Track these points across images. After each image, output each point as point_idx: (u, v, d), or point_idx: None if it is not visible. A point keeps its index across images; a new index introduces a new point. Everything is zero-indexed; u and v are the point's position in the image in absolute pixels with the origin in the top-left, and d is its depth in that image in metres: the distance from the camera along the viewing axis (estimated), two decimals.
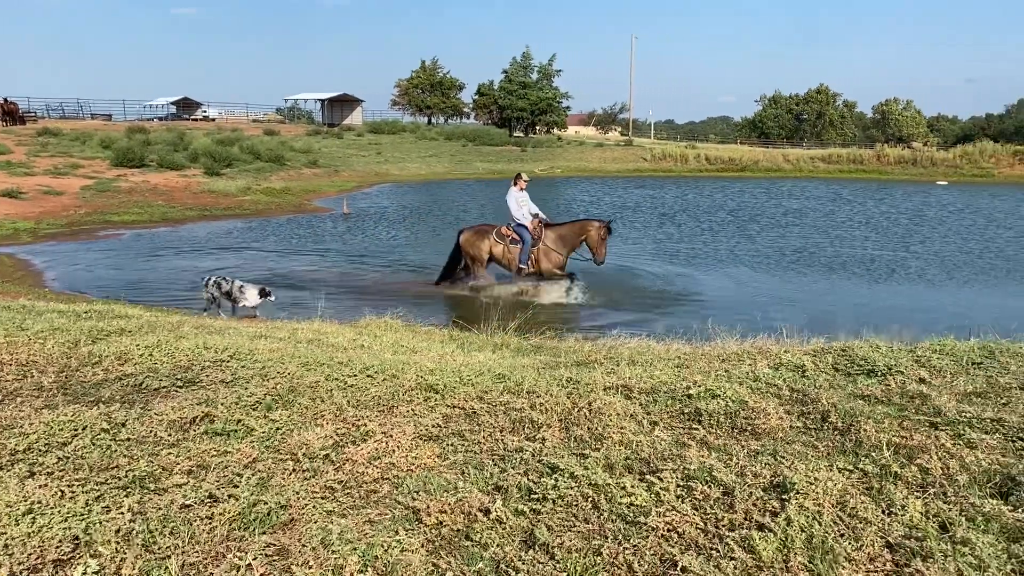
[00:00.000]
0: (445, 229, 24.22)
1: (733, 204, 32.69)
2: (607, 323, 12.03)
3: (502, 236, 14.52)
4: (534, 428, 4.15)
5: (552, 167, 52.85)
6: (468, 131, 67.03)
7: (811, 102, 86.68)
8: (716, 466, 3.44)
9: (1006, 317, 10.47)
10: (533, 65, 70.41)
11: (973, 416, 4.26)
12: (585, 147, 61.74)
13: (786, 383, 5.25)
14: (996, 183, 46.13)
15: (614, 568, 2.63)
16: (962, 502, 3.07)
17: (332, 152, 50.10)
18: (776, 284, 15.79)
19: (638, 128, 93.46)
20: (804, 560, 2.59)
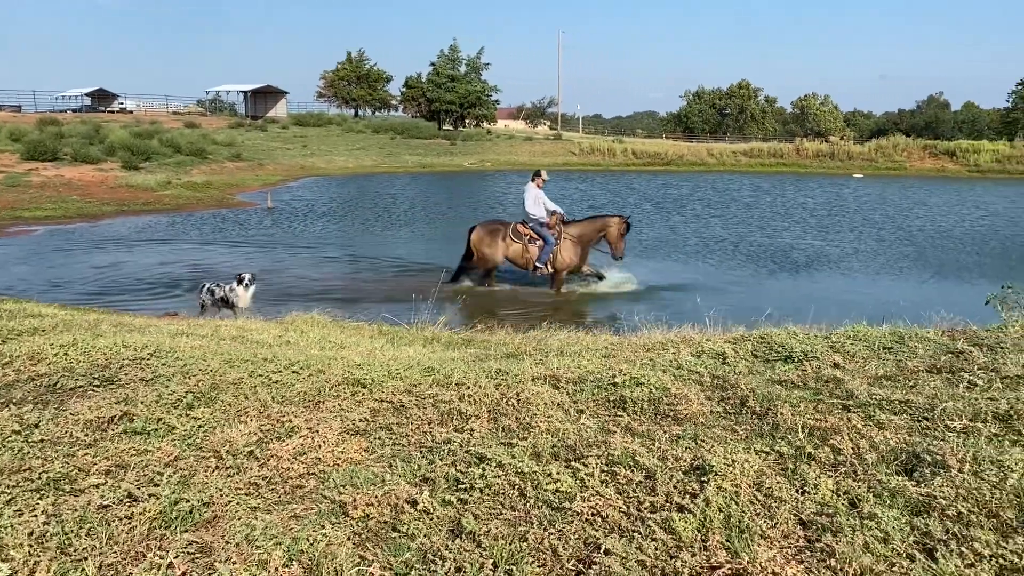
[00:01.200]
0: (375, 222, 24.02)
1: (659, 196, 33.26)
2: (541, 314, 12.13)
3: (519, 235, 13.81)
4: (463, 419, 4.17)
5: (482, 160, 52.87)
6: (396, 124, 66.47)
7: (733, 97, 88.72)
8: (639, 451, 3.52)
9: (917, 304, 10.96)
10: (461, 58, 70.26)
11: (883, 398, 4.46)
12: (515, 141, 61.91)
13: (707, 370, 5.40)
14: (908, 175, 48.08)
15: (539, 553, 2.68)
16: (870, 479, 3.22)
17: (256, 145, 49.06)
18: (700, 273, 16.14)
19: (567, 122, 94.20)
20: (722, 539, 2.68)
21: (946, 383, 4.88)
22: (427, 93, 69.39)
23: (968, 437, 3.71)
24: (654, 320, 10.04)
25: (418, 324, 8.95)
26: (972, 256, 18.60)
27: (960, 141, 56.31)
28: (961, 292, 14.17)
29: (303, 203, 29.40)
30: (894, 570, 2.47)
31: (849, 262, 17.73)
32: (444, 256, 17.84)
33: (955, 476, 3.14)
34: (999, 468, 3.21)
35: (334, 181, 40.11)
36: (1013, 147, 51.39)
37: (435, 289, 11.22)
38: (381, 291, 14.03)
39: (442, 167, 50.05)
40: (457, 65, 69.85)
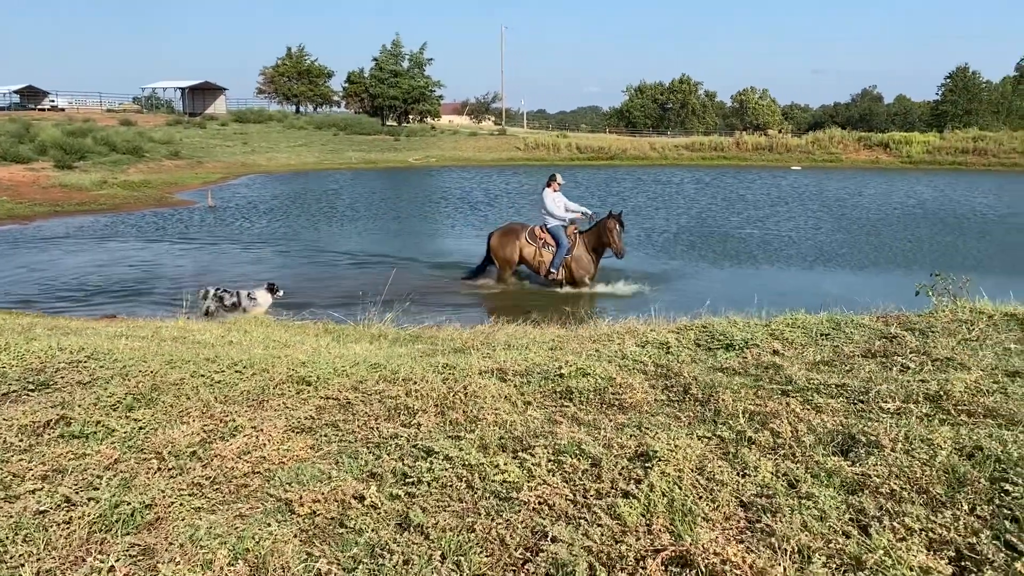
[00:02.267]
0: (320, 219, 23.74)
1: (603, 190, 33.54)
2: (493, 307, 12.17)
3: (535, 237, 13.53)
4: (410, 414, 4.17)
5: (427, 156, 52.63)
6: (339, 120, 65.67)
7: (675, 92, 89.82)
8: (585, 440, 3.57)
9: (853, 292, 11.28)
10: (404, 53, 69.77)
11: (820, 383, 4.59)
12: (459, 136, 61.76)
13: (652, 359, 5.49)
14: (843, 167, 49.34)
15: (487, 543, 2.70)
16: (808, 461, 3.31)
17: (195, 143, 48.05)
18: (646, 265, 16.33)
19: (511, 117, 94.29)
20: (665, 522, 2.73)
21: (880, 367, 5.05)
22: (370, 89, 68.76)
23: (901, 418, 3.84)
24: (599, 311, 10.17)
25: (365, 321, 8.89)
26: (905, 244, 19.18)
27: (893, 133, 57.98)
28: (894, 279, 14.60)
29: (245, 201, 28.90)
30: (830, 547, 2.55)
31: (788, 252, 18.13)
32: (391, 252, 17.77)
33: (888, 455, 3.25)
34: (929, 446, 3.34)
35: (277, 178, 39.51)
36: (942, 138, 53.13)
37: (384, 286, 11.15)
38: (328, 289, 13.87)
39: (386, 163, 49.67)
40: (400, 60, 69.33)
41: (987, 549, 2.46)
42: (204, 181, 35.11)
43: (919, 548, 2.50)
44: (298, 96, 77.51)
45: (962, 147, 50.78)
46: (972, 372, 4.58)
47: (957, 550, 2.52)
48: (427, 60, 70.48)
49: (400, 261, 16.33)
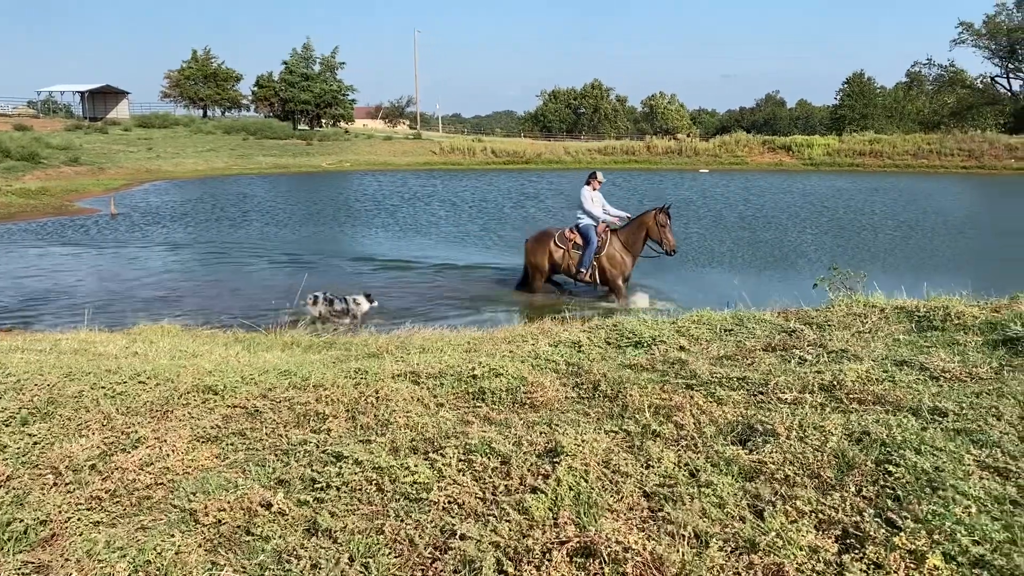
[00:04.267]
0: (229, 226, 23.15)
1: (518, 193, 33.74)
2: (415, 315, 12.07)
3: (564, 240, 12.71)
4: (320, 420, 4.13)
5: (341, 161, 51.95)
6: (249, 124, 64.20)
7: (587, 97, 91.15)
8: (496, 439, 3.61)
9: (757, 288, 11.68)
10: (315, 57, 68.71)
11: (723, 376, 4.76)
12: (374, 140, 61.19)
13: (563, 358, 5.59)
14: (749, 170, 50.97)
15: (396, 544, 2.71)
16: (709, 450, 3.44)
17: (96, 148, 46.22)
18: None
19: (426, 121, 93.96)
20: (571, 515, 2.79)
21: (780, 359, 5.26)
22: (280, 92, 67.47)
23: (797, 407, 4.02)
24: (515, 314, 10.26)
25: (277, 329, 8.74)
26: (807, 239, 19.93)
27: (795, 137, 60.22)
28: (797, 275, 15.18)
29: (151, 208, 27.93)
30: (726, 531, 2.66)
31: (698, 250, 18.61)
32: (305, 258, 17.46)
33: (783, 443, 3.41)
34: (821, 433, 3.51)
35: (184, 184, 38.32)
36: (841, 141, 55.46)
37: (298, 293, 10.96)
38: (239, 297, 13.52)
39: (299, 168, 48.80)
40: (311, 64, 68.26)
41: (870, 527, 2.61)
42: (106, 188, 33.79)
43: (809, 529, 2.63)
44: (205, 100, 75.36)
45: (859, 149, 53.14)
46: (864, 362, 4.82)
47: (844, 529, 2.66)
48: (339, 64, 69.67)
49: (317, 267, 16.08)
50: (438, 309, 11.97)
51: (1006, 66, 76.06)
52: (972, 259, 16.54)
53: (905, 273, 12.73)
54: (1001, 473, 2.98)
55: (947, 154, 50.58)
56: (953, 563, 2.35)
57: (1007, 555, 2.34)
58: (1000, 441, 3.28)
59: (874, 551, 2.44)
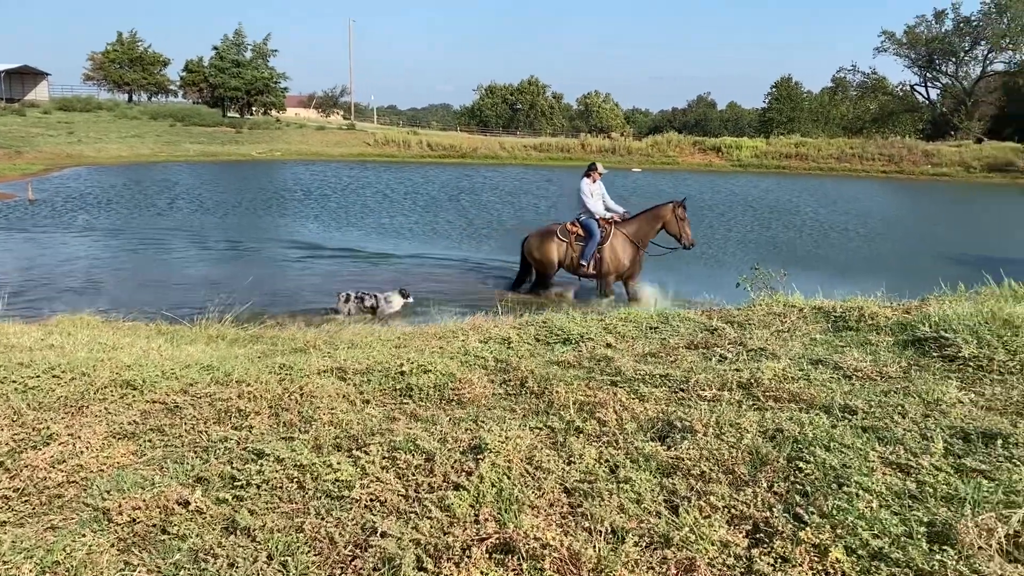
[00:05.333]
0: (154, 214, 22.49)
1: (453, 187, 33.66)
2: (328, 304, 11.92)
3: (567, 233, 12.28)
4: (241, 417, 4.07)
5: (271, 150, 50.95)
6: (176, 110, 62.46)
7: (524, 93, 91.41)
8: (421, 435, 3.62)
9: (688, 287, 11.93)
10: (247, 43, 67.08)
11: (646, 373, 4.86)
12: (306, 130, 60.15)
13: (492, 354, 5.62)
14: (680, 169, 51.89)
15: (316, 542, 2.70)
16: (629, 447, 3.51)
17: (13, 131, 44.34)
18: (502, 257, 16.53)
19: (361, 112, 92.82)
20: (493, 511, 2.83)
21: (701, 357, 5.40)
22: (210, 78, 65.62)
23: (716, 404, 4.14)
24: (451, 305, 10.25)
25: (202, 321, 8.53)
26: (733, 238, 20.41)
27: (725, 138, 61.53)
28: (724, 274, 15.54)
29: (72, 194, 26.92)
30: (642, 526, 2.73)
31: None
32: (234, 248, 17.11)
33: (700, 439, 3.50)
34: (737, 430, 3.63)
35: (107, 171, 37.03)
36: (769, 144, 56.89)
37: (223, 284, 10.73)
38: (164, 287, 13.14)
39: (228, 156, 47.68)
40: (243, 50, 66.59)
41: (779, 522, 2.71)
42: (24, 173, 32.46)
43: (721, 524, 2.72)
44: (131, 84, 72.88)
45: (786, 152, 54.58)
46: (781, 361, 4.99)
47: (754, 524, 2.76)
48: (271, 51, 68.13)
49: (244, 257, 15.77)
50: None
51: (924, 75, 79.22)
52: (889, 261, 17.20)
53: (825, 274, 13.15)
54: (903, 469, 3.13)
55: (869, 158, 52.38)
56: (854, 556, 2.46)
57: (903, 548, 2.47)
58: (903, 438, 3.44)
59: (781, 545, 2.54)
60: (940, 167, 49.60)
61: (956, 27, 74.87)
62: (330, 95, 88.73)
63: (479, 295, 12.11)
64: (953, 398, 4.09)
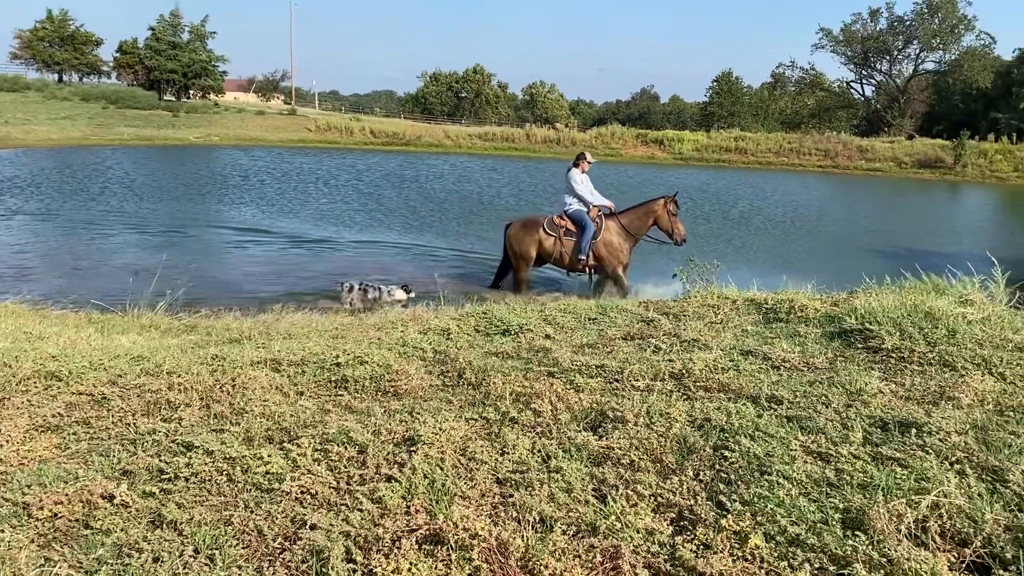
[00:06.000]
0: (86, 200, 21.80)
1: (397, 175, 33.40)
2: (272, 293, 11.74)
3: (555, 227, 11.67)
4: (171, 409, 4.01)
5: (209, 134, 49.85)
6: (109, 92, 60.61)
7: (469, 81, 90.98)
8: (354, 428, 3.61)
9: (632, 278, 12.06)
10: (184, 24, 65.41)
11: (583, 364, 4.92)
12: (246, 114, 58.96)
13: (431, 346, 5.62)
14: (624, 161, 52.34)
15: (244, 535, 2.68)
16: (562, 437, 3.56)
17: None
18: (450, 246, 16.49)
19: (302, 97, 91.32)
20: (424, 503, 2.84)
21: (637, 348, 5.49)
22: (145, 60, 63.79)
23: (648, 395, 4.21)
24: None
25: (135, 310, 8.32)
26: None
27: (667, 131, 62.26)
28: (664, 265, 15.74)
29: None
30: (571, 515, 2.78)
31: None
32: (168, 235, 16.72)
33: (631, 429, 3.57)
34: (667, 419, 3.70)
35: (36, 153, 35.78)
36: (710, 137, 57.80)
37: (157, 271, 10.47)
38: (95, 275, 12.76)
39: (164, 140, 46.49)
40: (180, 32, 64.91)
41: (702, 509, 2.79)
42: None
43: (647, 512, 2.78)
44: (61, 64, 70.45)
45: (726, 146, 55.55)
46: (713, 352, 5.10)
47: (679, 512, 2.83)
48: (210, 33, 66.58)
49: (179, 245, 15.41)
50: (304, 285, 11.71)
51: (860, 72, 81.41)
52: (822, 254, 17.67)
53: (761, 266, 13.47)
54: (823, 457, 3.24)
55: (806, 153, 53.60)
56: (772, 542, 2.55)
57: (819, 534, 2.56)
58: (825, 427, 3.56)
59: (704, 532, 2.61)
60: (873, 162, 51.02)
61: (890, 26, 77.14)
62: (271, 79, 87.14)
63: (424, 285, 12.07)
64: (875, 388, 4.24)
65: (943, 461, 3.15)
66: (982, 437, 3.44)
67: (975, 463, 3.14)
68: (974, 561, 2.48)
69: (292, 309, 8.81)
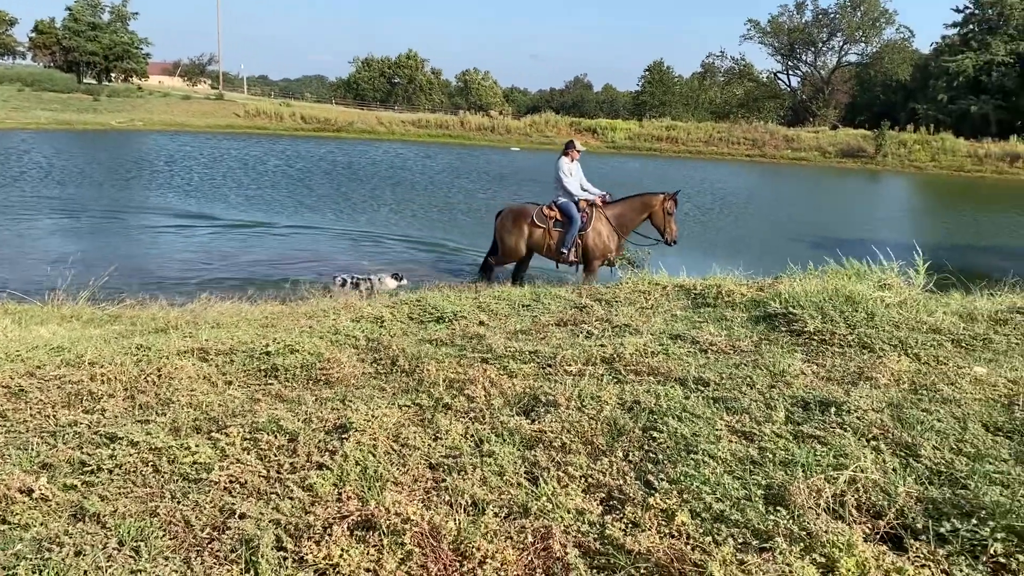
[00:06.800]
0: (4, 188, 20.90)
1: (328, 162, 32.91)
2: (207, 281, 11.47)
3: (544, 218, 11.13)
4: (93, 400, 3.90)
5: (132, 119, 48.30)
6: (25, 74, 58.22)
7: (402, 67, 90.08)
8: (285, 416, 3.57)
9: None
10: (104, 4, 63.04)
11: (516, 350, 4.95)
12: (171, 99, 57.28)
13: (364, 334, 5.58)
14: (557, 150, 52.58)
15: (171, 525, 2.63)
16: (495, 421, 3.59)
17: None
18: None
19: (230, 82, 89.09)
20: (356, 489, 2.83)
21: (570, 334, 5.55)
22: (63, 41, 61.33)
23: (580, 379, 4.27)
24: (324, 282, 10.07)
25: (55, 300, 8.03)
26: None
27: (600, 120, 62.86)
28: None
29: None
30: (502, 498, 2.81)
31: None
32: (89, 222, 16.17)
33: (563, 412, 3.62)
34: (598, 402, 3.77)
35: None
36: (642, 126, 58.54)
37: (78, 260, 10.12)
38: (12, 264, 12.24)
39: (84, 125, 44.88)
40: (99, 12, 62.57)
41: (631, 489, 2.85)
42: None
43: (577, 493, 2.83)
44: None
45: (658, 135, 56.34)
46: (643, 336, 5.20)
47: (609, 492, 2.88)
48: (131, 14, 64.39)
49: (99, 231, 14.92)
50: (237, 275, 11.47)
51: (786, 63, 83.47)
52: (749, 241, 18.11)
53: (690, 253, 13.71)
54: (747, 436, 3.34)
55: (735, 142, 54.75)
56: (698, 519, 2.62)
57: (742, 510, 2.65)
58: (749, 407, 3.66)
59: (632, 511, 2.67)
60: (799, 151, 52.40)
61: (815, 18, 79.29)
62: (197, 63, 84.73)
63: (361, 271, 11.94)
64: (797, 369, 4.39)
65: (860, 438, 3.28)
66: (897, 415, 3.59)
67: (890, 439, 3.29)
68: (888, 532, 2.60)
69: (221, 297, 8.63)
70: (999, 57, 59.19)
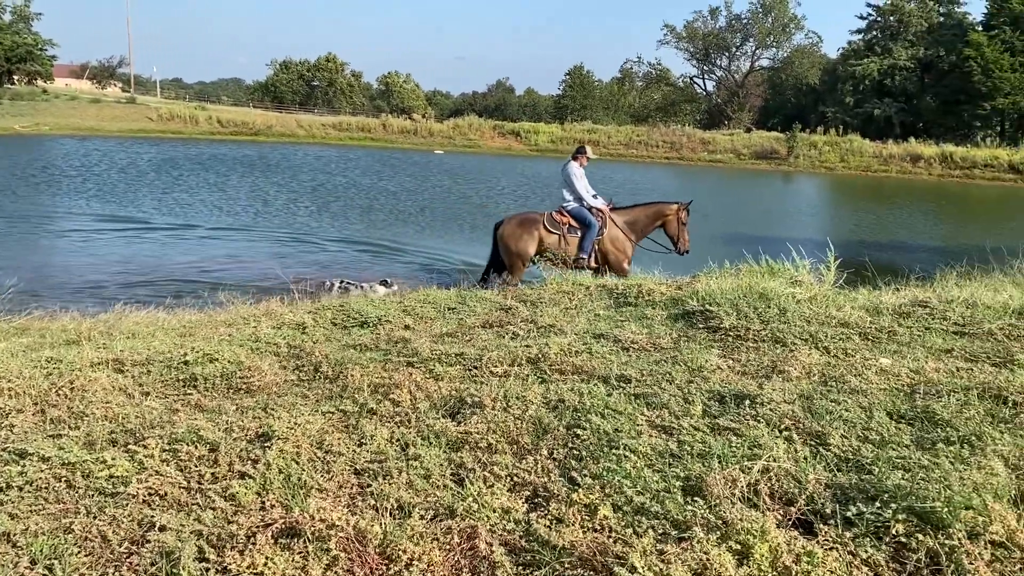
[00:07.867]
0: None
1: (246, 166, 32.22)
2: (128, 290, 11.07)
3: (556, 224, 10.83)
4: (0, 416, 3.74)
5: (38, 124, 46.34)
6: None
7: (321, 70, 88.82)
8: (205, 426, 3.50)
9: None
10: (5, 5, 60.33)
11: (442, 353, 4.96)
12: (79, 103, 55.15)
13: (285, 340, 5.51)
14: (481, 153, 52.78)
15: (87, 541, 2.56)
16: (420, 425, 3.60)
17: None
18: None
19: (142, 85, 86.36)
20: (280, 497, 2.81)
21: (495, 335, 5.59)
22: None
23: (505, 380, 4.31)
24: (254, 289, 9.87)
25: None
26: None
27: (523, 123, 63.26)
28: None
29: None
30: (429, 500, 2.82)
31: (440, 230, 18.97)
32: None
33: (488, 413, 3.65)
34: (523, 402, 3.81)
35: None
36: (564, 129, 59.16)
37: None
38: None
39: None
40: (0, 13, 59.85)
41: (555, 486, 2.90)
42: None
43: (503, 492, 2.87)
44: None
45: (579, 138, 56.80)
46: (567, 336, 5.28)
47: (534, 489, 2.93)
48: (35, 14, 61.81)
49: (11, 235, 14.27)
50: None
51: (702, 68, 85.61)
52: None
53: None
54: (666, 430, 3.44)
55: (654, 145, 55.86)
56: (620, 512, 2.69)
57: (662, 502, 2.73)
58: (668, 403, 3.77)
59: (556, 507, 2.72)
60: (715, 154, 53.79)
61: (729, 24, 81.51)
62: (106, 65, 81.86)
63: (276, 279, 11.73)
64: (714, 365, 4.53)
65: (773, 429, 3.42)
66: (808, 406, 3.75)
67: (801, 430, 3.43)
68: (799, 518, 2.71)
69: (137, 306, 8.36)
70: (901, 62, 62.03)
